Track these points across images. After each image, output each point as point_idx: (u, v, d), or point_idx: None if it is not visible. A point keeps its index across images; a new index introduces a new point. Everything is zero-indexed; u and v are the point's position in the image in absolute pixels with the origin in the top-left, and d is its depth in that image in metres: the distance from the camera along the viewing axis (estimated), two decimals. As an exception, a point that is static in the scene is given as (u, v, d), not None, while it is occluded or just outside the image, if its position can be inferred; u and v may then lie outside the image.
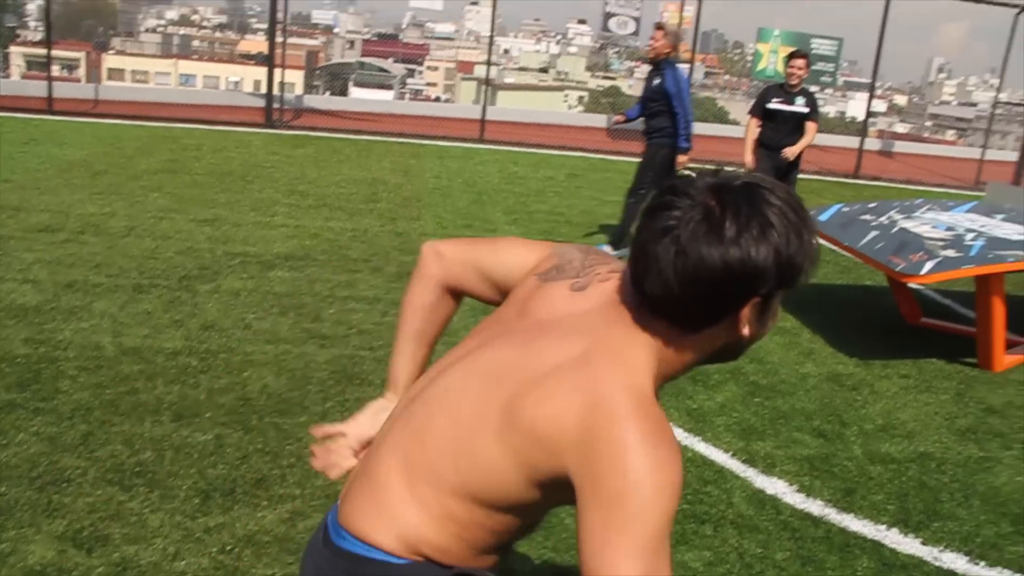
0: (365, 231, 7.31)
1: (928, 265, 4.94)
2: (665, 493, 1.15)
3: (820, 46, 16.87)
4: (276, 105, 14.31)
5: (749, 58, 19.01)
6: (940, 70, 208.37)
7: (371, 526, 1.38)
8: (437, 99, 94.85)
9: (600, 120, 20.97)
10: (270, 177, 9.45)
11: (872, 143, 22.47)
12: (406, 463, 1.38)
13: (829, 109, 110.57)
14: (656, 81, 7.08)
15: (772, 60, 16.50)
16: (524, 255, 1.57)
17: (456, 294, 1.70)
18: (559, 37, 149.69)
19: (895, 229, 5.69)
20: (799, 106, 7.60)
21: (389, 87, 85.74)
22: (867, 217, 6.08)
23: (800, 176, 7.66)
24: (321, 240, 6.88)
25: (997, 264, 4.99)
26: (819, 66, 16.66)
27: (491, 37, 16.10)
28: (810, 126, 7.65)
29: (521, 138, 15.04)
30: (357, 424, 1.73)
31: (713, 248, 1.20)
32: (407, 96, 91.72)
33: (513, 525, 1.39)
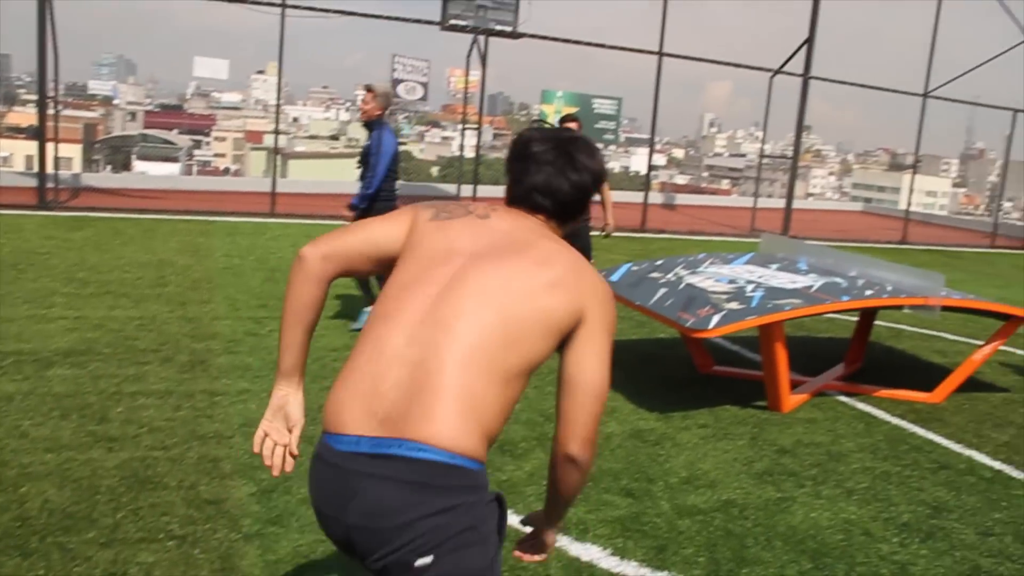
0: (153, 318, 6.96)
1: (715, 319, 5.21)
2: None
3: (601, 105, 17.73)
4: (51, 184, 13.55)
5: (535, 119, 19.59)
6: (711, 124, 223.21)
7: (455, 433, 1.73)
8: (227, 170, 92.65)
9: (398, 188, 21.04)
10: (45, 264, 8.88)
11: (655, 196, 23.71)
12: (474, 372, 1.77)
13: (614, 165, 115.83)
14: (366, 143, 7.05)
15: (556, 120, 17.17)
16: (393, 225, 2.03)
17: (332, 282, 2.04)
18: (348, 104, 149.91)
19: (682, 285, 5.98)
20: None
21: (175, 160, 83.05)
22: (655, 275, 6.36)
23: (592, 232, 7.89)
24: (105, 331, 6.49)
25: (776, 313, 5.33)
26: (601, 124, 17.56)
27: (278, 105, 15.90)
28: (604, 188, 7.80)
29: (314, 209, 14.87)
30: (270, 423, 2.05)
31: (587, 169, 2.04)
32: (195, 168, 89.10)
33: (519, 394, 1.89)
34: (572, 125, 7.73)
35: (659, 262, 6.85)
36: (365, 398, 1.80)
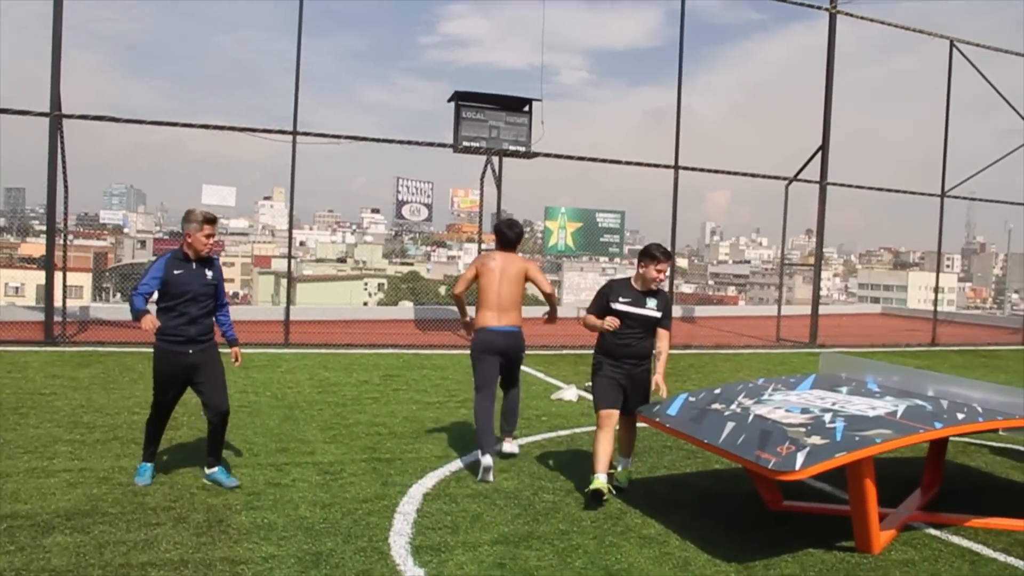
0: (165, 469, 6.36)
1: (800, 458, 4.60)
2: None
3: (604, 219, 17.50)
4: (58, 318, 13.10)
5: (539, 235, 19.51)
6: (713, 232, 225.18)
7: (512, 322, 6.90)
8: (235, 295, 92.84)
9: (407, 311, 20.64)
10: (49, 407, 8.33)
11: (674, 310, 23.22)
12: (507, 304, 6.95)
13: (620, 277, 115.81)
14: None
15: (562, 236, 16.99)
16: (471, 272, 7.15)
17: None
18: (354, 227, 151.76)
19: (751, 418, 5.38)
20: (651, 309, 6.19)
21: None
22: (717, 407, 5.78)
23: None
24: (112, 486, 5.88)
25: (867, 448, 4.72)
26: (606, 238, 17.29)
27: (290, 231, 15.60)
28: (664, 334, 6.34)
29: (328, 338, 14.39)
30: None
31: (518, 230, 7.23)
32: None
33: None
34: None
35: (717, 391, 6.27)
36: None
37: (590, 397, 10.02)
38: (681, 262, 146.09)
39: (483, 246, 16.12)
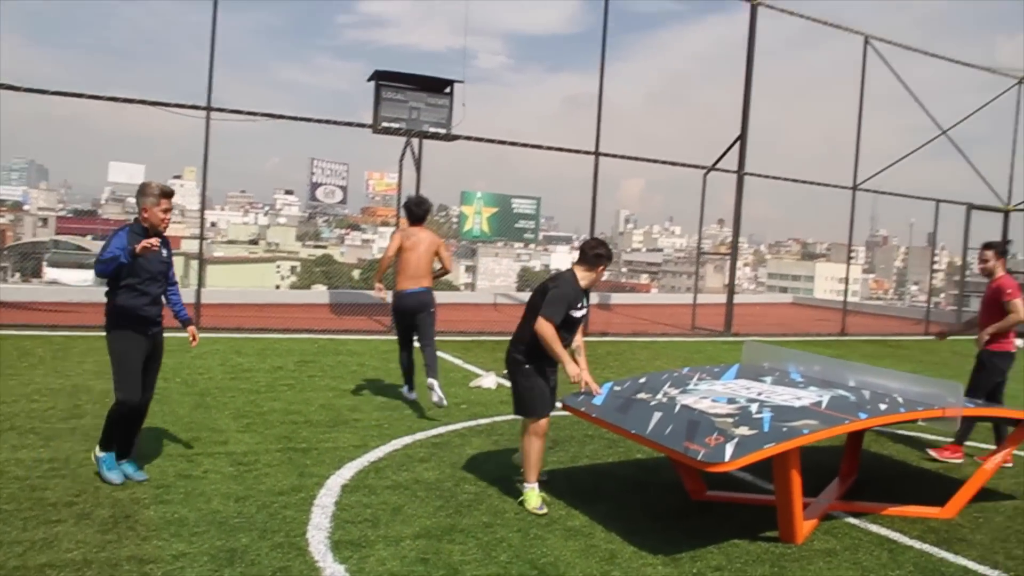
0: (66, 460, 6.02)
1: (729, 449, 4.55)
2: None
3: (520, 205, 17.46)
4: (-50, 301, 12.45)
5: (455, 220, 19.46)
6: (627, 220, 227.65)
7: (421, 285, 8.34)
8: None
9: (322, 296, 20.26)
10: (-60, 394, 7.87)
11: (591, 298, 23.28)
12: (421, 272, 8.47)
13: (535, 263, 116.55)
14: None
15: (477, 221, 16.88)
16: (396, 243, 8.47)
17: None
18: (267, 208, 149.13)
19: (677, 408, 5.33)
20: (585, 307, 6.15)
21: (88, 266, 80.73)
22: (643, 396, 5.71)
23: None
24: (7, 480, 5.53)
25: (795, 439, 4.70)
26: (521, 224, 17.28)
27: (203, 211, 15.13)
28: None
29: (240, 322, 14.00)
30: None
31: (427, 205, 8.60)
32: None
33: None
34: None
35: (642, 380, 6.20)
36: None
37: (508, 384, 9.96)
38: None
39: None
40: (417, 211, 8.50)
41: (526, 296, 23.26)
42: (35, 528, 4.73)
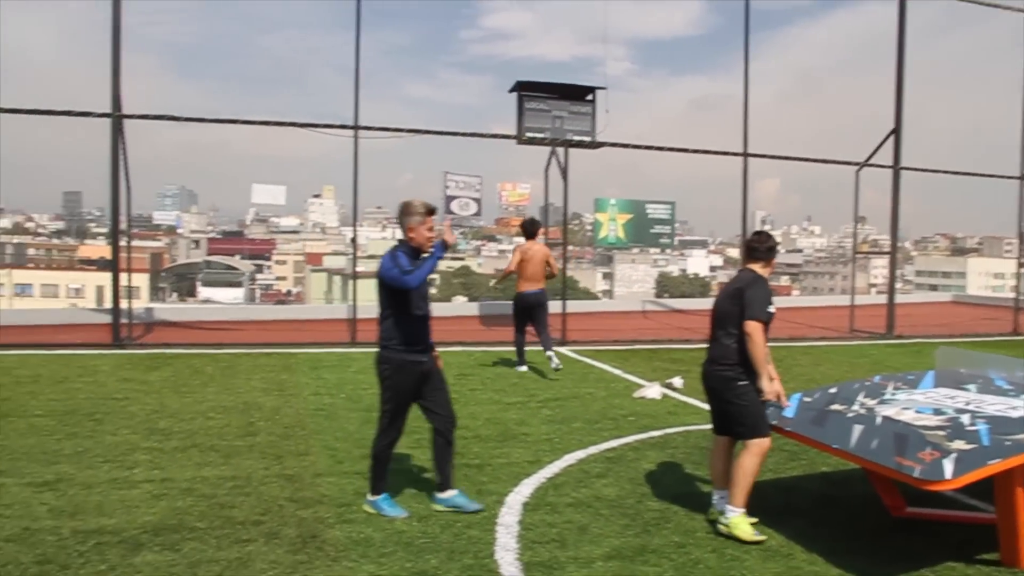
0: (248, 478, 6.10)
1: (948, 466, 4.19)
2: None
3: (655, 210, 17.07)
4: (124, 320, 13.00)
5: (588, 228, 19.14)
6: (763, 221, 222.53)
7: (538, 287, 11.15)
8: (288, 292, 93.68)
9: (464, 307, 20.37)
10: (124, 412, 8.15)
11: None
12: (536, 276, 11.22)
13: (672, 268, 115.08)
14: None
15: (612, 228, 16.60)
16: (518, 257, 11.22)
17: None
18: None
19: (878, 420, 4.97)
20: None
21: (239, 284, 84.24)
22: (838, 407, 5.36)
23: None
24: (196, 497, 5.63)
25: (1022, 453, 4.29)
26: (656, 229, 16.88)
27: (355, 227, 15.37)
28: None
29: (396, 335, 14.12)
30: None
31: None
32: (258, 292, 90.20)
33: None
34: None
35: (833, 390, 5.84)
36: None
37: (673, 395, 9.70)
38: (732, 252, 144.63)
39: (543, 240, 15.92)
40: (531, 229, 11.21)
41: (674, 303, 22.85)
42: (228, 547, 4.76)
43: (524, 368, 11.07)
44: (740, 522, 5.09)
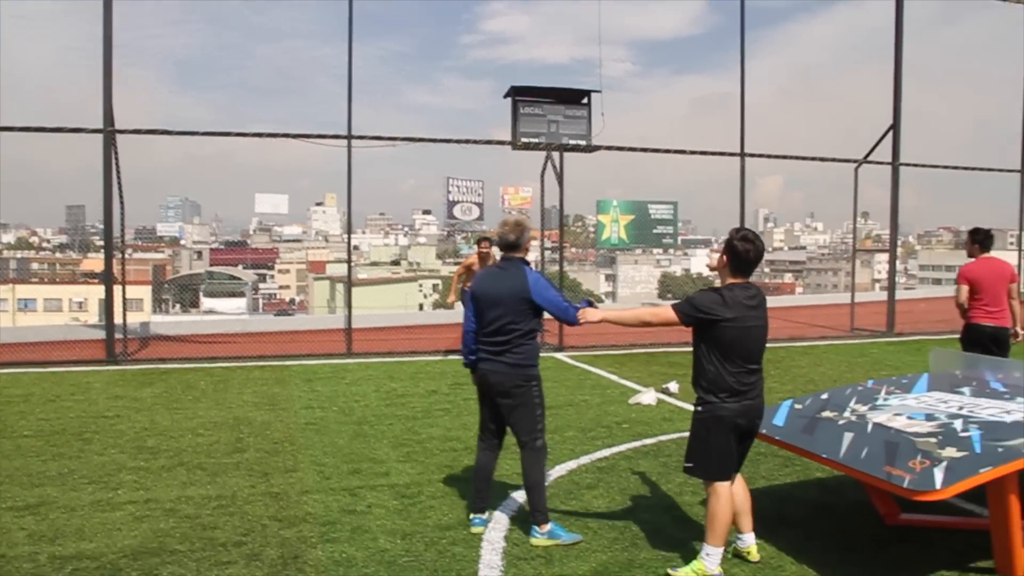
0: (233, 497, 6.00)
1: (939, 475, 4.08)
2: None
3: (657, 211, 16.96)
4: (119, 335, 12.92)
5: (591, 230, 19.04)
6: (766, 219, 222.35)
7: None
8: (292, 301, 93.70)
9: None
10: (113, 431, 8.06)
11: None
12: None
13: (675, 268, 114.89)
14: None
15: (615, 229, 16.50)
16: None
17: None
18: (406, 229, 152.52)
19: (870, 427, 4.86)
20: None
21: (241, 294, 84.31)
22: (829, 414, 5.26)
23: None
24: (179, 519, 5.54)
25: (1016, 460, 4.17)
26: (659, 229, 16.77)
27: (349, 236, 15.27)
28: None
29: (391, 345, 14.05)
30: None
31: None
32: (261, 301, 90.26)
33: None
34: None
35: (824, 396, 5.74)
36: None
37: (669, 400, 9.60)
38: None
39: (542, 244, 15.82)
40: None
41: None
42: (208, 570, 4.67)
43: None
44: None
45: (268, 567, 4.72)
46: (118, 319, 12.95)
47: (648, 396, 9.50)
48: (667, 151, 16.25)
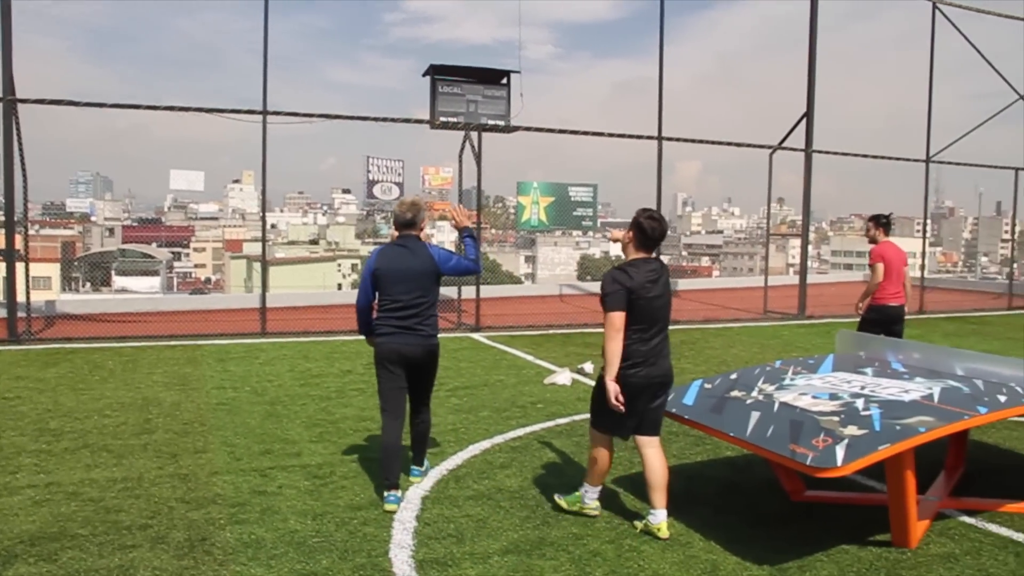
0: (139, 479, 5.87)
1: (840, 452, 4.20)
2: None
3: (577, 193, 17.09)
4: (22, 314, 12.50)
5: (512, 211, 19.13)
6: (685, 203, 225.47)
7: None
8: (207, 280, 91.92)
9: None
10: (13, 413, 7.80)
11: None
12: None
13: (595, 251, 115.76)
14: None
15: (535, 211, 16.58)
16: None
17: None
18: (325, 208, 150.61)
19: (776, 407, 4.98)
20: None
21: (155, 273, 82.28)
22: (737, 394, 5.37)
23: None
24: (82, 502, 5.39)
25: (912, 438, 4.32)
26: (579, 212, 16.93)
27: (263, 216, 15.01)
28: None
29: (307, 325, 13.89)
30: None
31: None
32: (175, 280, 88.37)
33: None
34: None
35: (733, 376, 5.85)
36: None
37: (584, 380, 9.69)
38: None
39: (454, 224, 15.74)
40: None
41: (591, 286, 22.92)
42: (111, 555, 4.55)
43: None
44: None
45: (174, 550, 4.62)
46: (21, 297, 12.55)
47: (563, 376, 9.57)
48: (585, 133, 16.31)
